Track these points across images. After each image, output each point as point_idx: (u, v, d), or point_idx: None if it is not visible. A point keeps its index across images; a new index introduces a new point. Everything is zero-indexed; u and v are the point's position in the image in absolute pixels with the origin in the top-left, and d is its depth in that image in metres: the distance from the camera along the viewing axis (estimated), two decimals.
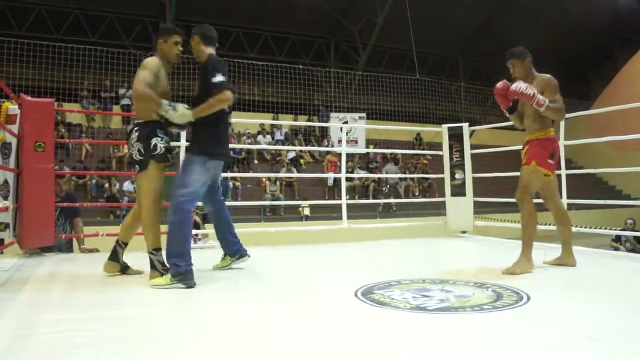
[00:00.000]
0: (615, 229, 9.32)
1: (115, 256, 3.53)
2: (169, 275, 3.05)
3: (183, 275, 3.02)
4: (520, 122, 3.92)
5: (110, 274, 3.50)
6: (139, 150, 3.26)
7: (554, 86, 3.65)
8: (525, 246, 3.63)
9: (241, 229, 6.65)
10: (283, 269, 4.06)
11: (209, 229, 8.24)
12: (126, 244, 3.60)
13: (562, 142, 5.22)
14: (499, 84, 3.77)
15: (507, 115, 3.92)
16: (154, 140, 3.26)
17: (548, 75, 3.71)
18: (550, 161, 3.71)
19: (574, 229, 5.13)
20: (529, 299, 2.63)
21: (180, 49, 3.52)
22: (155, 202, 3.35)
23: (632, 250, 9.09)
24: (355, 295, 2.81)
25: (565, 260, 3.82)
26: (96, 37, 15.62)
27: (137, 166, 3.33)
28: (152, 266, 3.31)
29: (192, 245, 7.26)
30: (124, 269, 3.55)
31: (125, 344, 2.03)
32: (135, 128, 3.33)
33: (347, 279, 3.35)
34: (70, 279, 3.44)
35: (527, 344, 1.97)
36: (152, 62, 3.34)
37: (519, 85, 3.52)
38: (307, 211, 13.18)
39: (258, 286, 3.26)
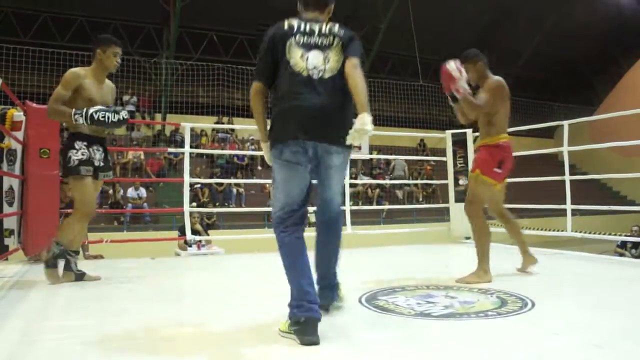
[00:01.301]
0: (620, 235, 9.29)
1: (68, 266, 3.50)
2: (288, 321, 2.22)
3: (300, 326, 2.13)
4: (462, 117, 3.65)
5: (61, 282, 3.41)
6: (59, 161, 3.43)
7: (493, 88, 3.50)
8: (480, 259, 3.49)
9: (245, 235, 6.71)
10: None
11: (213, 235, 8.28)
12: (77, 252, 3.64)
13: (565, 148, 5.22)
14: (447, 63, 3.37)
15: (451, 103, 3.56)
16: (69, 153, 3.34)
17: (496, 78, 3.57)
18: (497, 170, 3.53)
19: (578, 234, 5.14)
20: (533, 305, 2.62)
21: (119, 60, 3.56)
22: (80, 213, 3.41)
23: (638, 256, 9.05)
24: (360, 301, 2.80)
25: (527, 264, 3.72)
26: None
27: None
28: (67, 267, 3.45)
29: (195, 251, 7.31)
30: (80, 277, 3.49)
31: (130, 351, 2.03)
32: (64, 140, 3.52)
33: (351, 285, 3.34)
34: (74, 285, 3.44)
35: (532, 351, 1.96)
36: (69, 75, 3.40)
37: (450, 65, 3.31)
38: (310, 218, 13.13)
39: (261, 292, 3.25)
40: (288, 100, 2.32)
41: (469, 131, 6.08)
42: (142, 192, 12.33)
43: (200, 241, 7.14)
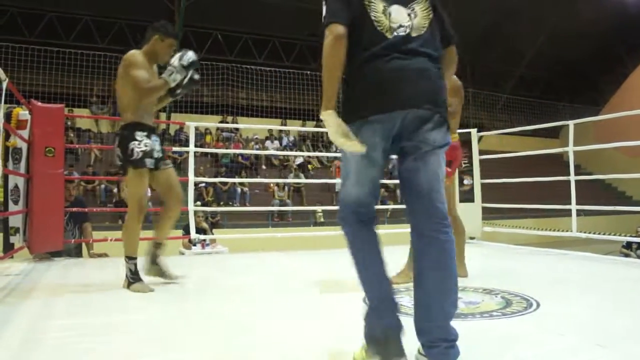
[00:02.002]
0: (625, 235, 9.26)
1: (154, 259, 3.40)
2: (364, 346, 1.83)
3: (382, 347, 1.76)
4: None
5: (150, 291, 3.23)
6: (117, 155, 3.23)
7: (457, 90, 3.48)
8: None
9: (249, 235, 6.72)
10: (290, 274, 4.06)
11: (217, 234, 8.29)
12: (160, 244, 3.46)
13: (571, 148, 5.20)
14: None
15: None
16: (131, 145, 3.15)
17: (457, 80, 3.53)
18: (447, 169, 3.55)
19: (583, 235, 5.12)
20: (538, 305, 2.62)
21: (172, 54, 3.35)
22: (138, 209, 3.24)
23: None
24: (364, 301, 2.80)
25: (458, 270, 3.68)
26: (105, 43, 15.73)
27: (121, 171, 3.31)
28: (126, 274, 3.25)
29: (200, 250, 7.32)
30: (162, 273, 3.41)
31: (135, 350, 2.04)
32: (118, 132, 3.30)
33: (355, 285, 3.33)
34: (79, 283, 3.45)
35: (537, 351, 1.96)
36: (134, 57, 3.24)
37: None
38: (320, 217, 13.13)
39: (265, 291, 3.25)
40: (370, 64, 1.81)
41: (473, 131, 6.07)
42: (147, 190, 12.34)
43: (204, 240, 7.15)
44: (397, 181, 1.98)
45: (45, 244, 4.32)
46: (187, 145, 5.47)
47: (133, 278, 3.19)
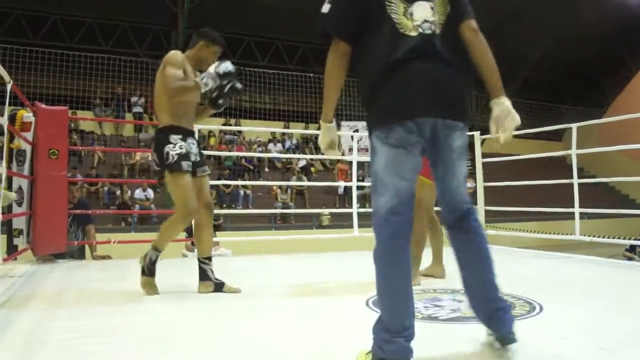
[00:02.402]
0: (629, 239, 9.23)
1: (205, 275, 3.30)
2: (370, 356, 1.79)
3: None
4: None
5: (156, 294, 3.20)
6: (154, 160, 3.18)
7: None
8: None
9: (252, 237, 6.73)
10: (293, 277, 4.06)
11: (220, 237, 8.29)
12: (210, 259, 3.34)
13: (574, 151, 5.19)
14: None
15: None
16: (166, 148, 3.11)
17: None
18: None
19: (586, 238, 5.11)
20: (541, 309, 2.61)
21: (215, 61, 3.25)
22: (184, 213, 3.15)
23: None
24: (367, 304, 2.80)
25: (434, 270, 3.71)
26: (109, 45, 15.78)
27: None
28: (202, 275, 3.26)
29: None
30: (219, 287, 3.27)
31: (138, 352, 2.04)
32: (153, 136, 3.27)
33: (358, 287, 3.34)
34: (82, 285, 3.46)
35: (540, 355, 1.95)
36: (175, 56, 3.16)
37: None
38: (326, 220, 13.10)
39: (268, 294, 3.25)
40: (394, 68, 1.76)
41: (476, 134, 6.07)
42: (150, 193, 12.38)
43: None
44: None
45: (49, 245, 4.33)
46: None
47: (149, 268, 3.17)
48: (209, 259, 3.31)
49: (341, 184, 13.43)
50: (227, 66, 3.18)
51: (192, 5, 14.72)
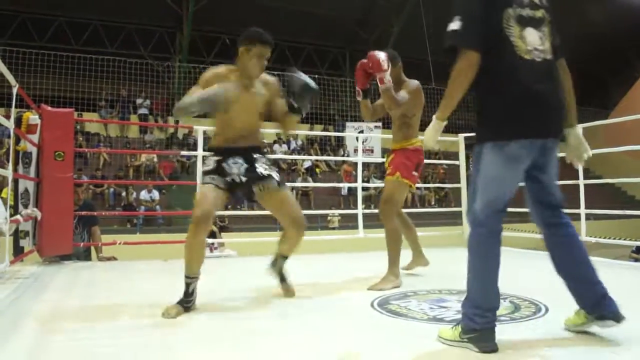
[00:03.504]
0: (635, 240, 9.17)
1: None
2: (459, 328, 2.07)
3: (477, 334, 2.00)
4: (368, 113, 3.61)
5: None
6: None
7: (413, 90, 3.51)
8: (392, 263, 3.54)
9: (257, 238, 6.72)
10: (299, 278, 4.05)
11: (226, 239, 8.30)
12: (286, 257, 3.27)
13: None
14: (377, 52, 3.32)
15: (359, 98, 3.53)
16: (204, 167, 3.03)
17: (416, 82, 3.58)
18: (415, 173, 3.61)
19: (592, 239, 5.09)
20: (547, 310, 2.60)
21: (264, 64, 2.94)
22: (194, 215, 2.88)
23: None
24: (372, 305, 2.80)
25: (419, 261, 3.95)
26: (114, 47, 15.84)
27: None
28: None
29: (208, 254, 7.33)
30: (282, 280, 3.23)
31: (143, 354, 2.04)
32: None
33: (363, 289, 3.34)
34: (88, 287, 3.47)
35: (546, 357, 1.95)
36: (202, 75, 2.97)
37: (381, 54, 3.28)
38: (335, 222, 13.07)
39: (274, 295, 3.25)
40: (515, 87, 1.95)
41: None
42: (155, 194, 12.42)
43: (212, 244, 7.16)
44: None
45: (55, 247, 4.34)
46: (196, 149, 5.49)
47: (185, 302, 2.80)
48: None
49: (345, 185, 13.42)
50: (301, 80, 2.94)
51: (197, 7, 14.75)
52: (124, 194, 12.53)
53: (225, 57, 17.05)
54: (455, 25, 1.98)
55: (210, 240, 6.65)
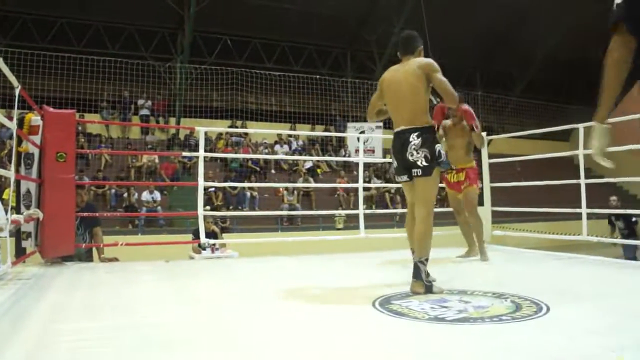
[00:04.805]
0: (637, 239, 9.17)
1: (418, 273, 3.18)
2: None
3: None
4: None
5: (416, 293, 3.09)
6: (425, 156, 3.24)
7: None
8: (480, 243, 4.84)
9: (259, 239, 6.75)
10: (300, 278, 4.06)
11: (227, 239, 8.31)
12: (428, 260, 3.25)
13: (581, 151, 5.17)
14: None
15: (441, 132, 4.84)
16: (437, 147, 3.28)
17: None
18: (479, 183, 5.14)
19: (594, 238, 5.10)
20: (548, 309, 2.60)
21: None
22: (432, 209, 3.32)
23: (625, 229, 9.06)
24: (373, 305, 2.80)
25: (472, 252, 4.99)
26: (116, 48, 15.85)
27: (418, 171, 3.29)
28: (417, 275, 3.14)
29: (210, 255, 7.36)
30: (429, 289, 3.13)
31: (145, 353, 2.05)
32: (416, 133, 3.28)
33: (364, 289, 3.34)
34: (90, 288, 3.47)
35: (547, 356, 1.95)
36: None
37: (470, 109, 4.71)
38: (341, 223, 13.05)
39: (276, 295, 3.25)
40: None
41: (483, 134, 6.04)
42: (157, 195, 12.44)
43: (214, 244, 7.17)
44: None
45: (57, 248, 4.35)
46: (197, 150, 5.49)
47: (429, 282, 3.13)
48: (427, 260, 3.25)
49: (346, 185, 13.41)
50: None
51: (198, 8, 14.76)
52: (125, 195, 12.54)
53: (226, 57, 17.11)
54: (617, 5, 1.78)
55: (211, 241, 6.66)
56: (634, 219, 8.90)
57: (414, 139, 3.25)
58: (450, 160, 4.34)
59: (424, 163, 3.24)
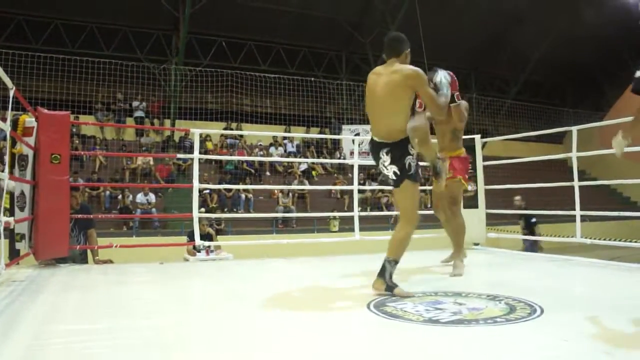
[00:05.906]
0: (634, 242, 9.21)
1: (383, 272, 3.21)
2: None
3: None
4: (439, 114, 3.87)
5: (377, 291, 3.15)
6: (394, 172, 3.28)
7: (467, 109, 4.26)
8: (459, 251, 4.22)
9: (253, 241, 6.75)
10: (295, 281, 4.06)
11: (222, 241, 8.31)
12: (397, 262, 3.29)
13: (574, 154, 5.19)
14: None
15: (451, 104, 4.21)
16: (408, 160, 3.25)
17: (465, 102, 4.25)
18: (466, 175, 4.34)
19: (588, 241, 5.12)
20: (542, 311, 2.61)
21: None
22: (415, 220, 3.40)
23: (526, 228, 9.42)
24: (368, 307, 2.80)
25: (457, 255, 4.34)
26: (111, 50, 15.82)
27: (391, 182, 3.36)
28: (382, 274, 3.18)
29: (205, 257, 7.35)
30: (389, 289, 3.14)
31: (140, 355, 2.04)
32: (385, 150, 3.31)
33: (359, 291, 3.34)
34: (84, 289, 3.46)
35: (541, 358, 1.96)
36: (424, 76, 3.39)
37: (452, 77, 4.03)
38: (335, 226, 13.06)
39: (270, 297, 3.25)
40: None
41: (477, 137, 6.07)
42: (151, 197, 12.41)
43: (209, 247, 7.16)
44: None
45: (51, 250, 4.34)
46: (192, 152, 5.49)
47: (392, 284, 3.15)
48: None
49: (341, 187, 13.43)
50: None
51: (193, 9, 14.75)
52: (120, 197, 12.51)
53: (221, 59, 17.10)
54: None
55: (206, 243, 6.65)
56: (533, 220, 9.49)
57: (383, 156, 3.31)
58: (437, 148, 4.20)
59: (393, 178, 3.30)
